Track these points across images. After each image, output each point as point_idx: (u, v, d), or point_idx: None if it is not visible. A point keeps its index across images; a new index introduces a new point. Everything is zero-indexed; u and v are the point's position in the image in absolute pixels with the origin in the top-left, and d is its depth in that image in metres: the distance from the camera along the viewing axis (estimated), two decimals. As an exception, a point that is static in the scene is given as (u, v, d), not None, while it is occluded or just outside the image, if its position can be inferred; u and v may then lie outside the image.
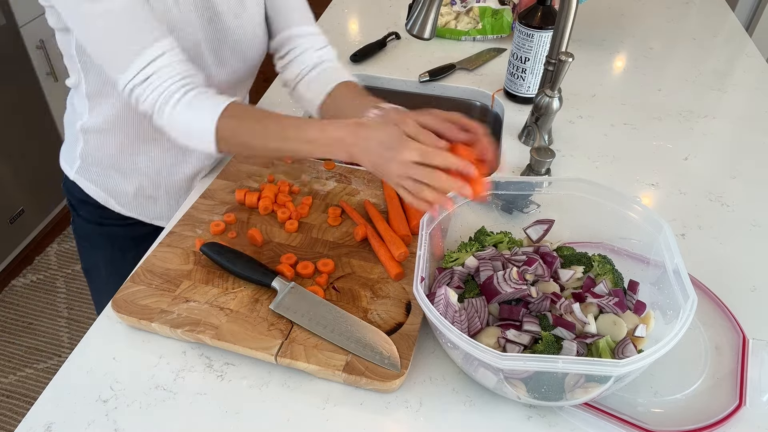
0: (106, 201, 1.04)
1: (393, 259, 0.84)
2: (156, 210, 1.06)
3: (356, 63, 1.42)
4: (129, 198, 1.04)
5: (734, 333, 0.78)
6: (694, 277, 0.83)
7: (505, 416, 0.70)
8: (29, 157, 2.19)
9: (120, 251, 1.06)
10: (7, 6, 1.98)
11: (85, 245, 1.12)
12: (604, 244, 0.85)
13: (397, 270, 0.82)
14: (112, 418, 0.68)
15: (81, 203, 1.06)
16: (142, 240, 0.98)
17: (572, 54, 0.97)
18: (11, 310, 2.08)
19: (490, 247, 0.82)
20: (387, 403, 0.70)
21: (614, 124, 1.22)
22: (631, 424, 0.67)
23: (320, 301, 0.78)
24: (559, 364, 0.60)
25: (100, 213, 1.05)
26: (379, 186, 1.00)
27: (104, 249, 1.09)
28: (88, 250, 1.13)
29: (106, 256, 1.08)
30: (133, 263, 0.87)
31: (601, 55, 1.48)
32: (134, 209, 1.06)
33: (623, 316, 0.71)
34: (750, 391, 0.71)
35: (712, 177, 1.08)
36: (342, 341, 0.73)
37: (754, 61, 1.47)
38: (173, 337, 0.76)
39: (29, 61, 2.11)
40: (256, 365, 0.74)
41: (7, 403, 1.81)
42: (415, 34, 1.08)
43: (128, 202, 1.04)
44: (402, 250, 0.84)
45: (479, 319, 0.71)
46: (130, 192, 1.03)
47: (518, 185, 0.85)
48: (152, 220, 1.07)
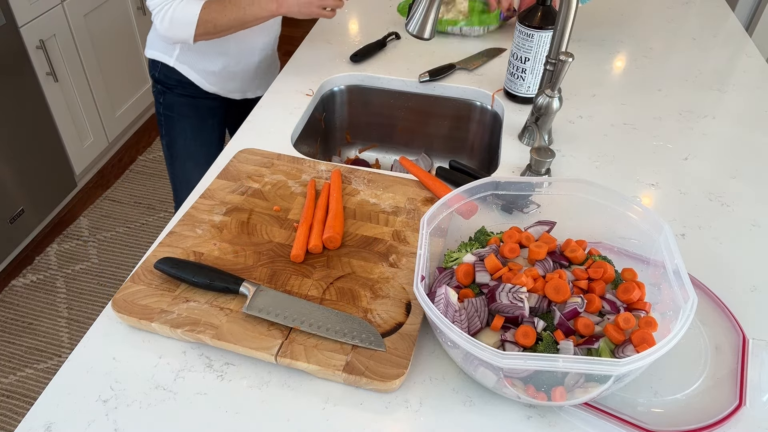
0: (200, 82, 1.41)
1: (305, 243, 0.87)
2: (232, 85, 1.46)
3: (356, 63, 1.42)
4: (215, 77, 1.42)
5: (734, 333, 0.78)
6: (694, 277, 0.83)
7: (505, 416, 0.70)
8: (29, 157, 2.19)
9: (202, 119, 1.47)
10: (7, 6, 1.98)
11: (174, 116, 1.48)
12: (603, 244, 0.85)
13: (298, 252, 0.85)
14: (112, 418, 0.68)
15: (178, 83, 1.42)
16: (218, 109, 1.48)
17: (572, 54, 0.97)
18: (11, 310, 2.08)
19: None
20: (387, 403, 0.70)
21: (614, 124, 1.22)
22: (631, 424, 0.67)
23: (289, 297, 0.79)
24: (559, 363, 0.60)
25: (192, 90, 1.43)
26: (380, 186, 1.00)
27: (191, 117, 1.47)
28: (176, 121, 1.48)
29: (192, 123, 1.47)
30: (211, 129, 1.49)
31: (601, 55, 1.48)
32: (217, 85, 1.44)
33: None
34: (750, 391, 0.71)
35: (712, 177, 1.08)
36: (322, 332, 0.74)
37: (754, 61, 1.47)
38: (173, 337, 0.76)
39: (29, 61, 2.11)
40: (256, 365, 0.74)
41: (7, 403, 1.81)
42: (415, 34, 1.08)
43: (214, 81, 1.43)
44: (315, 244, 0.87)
45: (479, 318, 0.71)
46: (216, 71, 1.41)
47: (518, 185, 0.85)
48: (228, 93, 1.47)
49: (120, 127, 2.74)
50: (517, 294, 0.71)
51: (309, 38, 1.54)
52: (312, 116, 1.31)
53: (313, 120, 1.33)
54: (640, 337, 0.66)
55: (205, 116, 1.25)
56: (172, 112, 1.48)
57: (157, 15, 1.21)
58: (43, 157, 2.26)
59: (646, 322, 0.68)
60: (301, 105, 1.27)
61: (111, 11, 2.53)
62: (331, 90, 1.40)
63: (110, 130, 2.66)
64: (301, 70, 1.39)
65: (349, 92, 1.41)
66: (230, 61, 1.41)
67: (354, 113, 1.45)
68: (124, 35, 2.65)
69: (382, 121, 1.45)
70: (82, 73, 2.39)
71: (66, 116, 2.35)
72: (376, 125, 1.47)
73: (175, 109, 1.47)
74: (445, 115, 1.40)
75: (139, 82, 2.83)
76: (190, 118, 1.47)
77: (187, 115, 1.47)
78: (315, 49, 1.49)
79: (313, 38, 1.54)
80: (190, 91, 1.44)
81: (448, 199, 0.81)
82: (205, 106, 1.45)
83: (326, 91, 1.39)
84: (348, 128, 1.48)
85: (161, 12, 1.20)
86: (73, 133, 2.41)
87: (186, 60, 1.39)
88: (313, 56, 1.45)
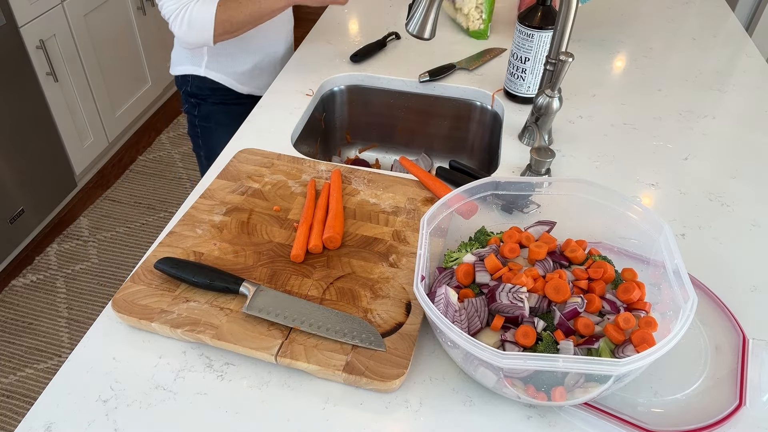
0: (233, 85, 1.42)
1: (305, 243, 0.87)
2: (264, 81, 1.45)
3: (356, 63, 1.42)
4: (246, 77, 1.43)
5: (734, 333, 0.78)
6: (694, 277, 0.83)
7: (505, 416, 0.70)
8: (29, 157, 2.19)
9: (238, 125, 1.28)
10: (7, 6, 1.98)
11: (212, 126, 1.47)
12: (603, 244, 0.85)
13: (298, 252, 0.85)
14: (112, 418, 0.68)
15: (211, 92, 1.43)
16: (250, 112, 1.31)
17: (572, 54, 0.97)
18: (11, 310, 2.08)
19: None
20: (387, 403, 0.70)
21: (614, 124, 1.22)
22: (631, 424, 0.67)
23: (289, 297, 0.78)
24: (559, 363, 0.60)
25: (225, 96, 1.44)
26: (380, 186, 1.00)
27: (227, 125, 1.36)
28: (214, 130, 1.47)
29: (229, 130, 1.29)
30: None
31: (601, 55, 1.48)
32: (250, 84, 1.45)
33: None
34: (750, 391, 0.71)
35: (712, 177, 1.08)
36: (322, 332, 0.74)
37: (754, 61, 1.47)
38: (173, 337, 0.76)
39: (29, 61, 2.11)
40: (256, 365, 0.74)
41: (7, 403, 1.81)
42: (415, 34, 1.08)
43: (246, 80, 1.43)
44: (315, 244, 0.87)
45: (479, 318, 0.71)
46: (247, 71, 1.42)
47: (518, 185, 0.85)
48: (261, 90, 1.44)
49: (120, 127, 2.74)
50: (517, 294, 0.71)
51: (309, 38, 1.54)
52: (312, 116, 1.31)
53: (313, 120, 1.33)
54: (640, 337, 0.66)
55: (240, 121, 1.21)
56: (209, 122, 1.48)
57: (174, 21, 1.21)
58: (43, 157, 2.26)
59: (646, 322, 0.68)
60: (301, 105, 1.27)
61: (111, 11, 2.53)
62: (331, 90, 1.40)
63: (110, 130, 2.66)
64: (301, 70, 1.39)
65: (349, 92, 1.41)
66: (258, 58, 1.42)
67: (354, 113, 1.45)
68: (124, 35, 2.65)
69: (382, 121, 1.45)
70: (82, 73, 2.39)
71: (66, 116, 2.35)
72: (376, 125, 1.47)
73: (212, 118, 1.47)
74: (445, 115, 1.40)
75: (139, 82, 2.83)
76: (226, 125, 1.42)
77: (224, 123, 1.45)
78: (315, 49, 1.49)
79: (313, 38, 1.54)
80: (223, 97, 1.44)
81: (448, 199, 0.81)
82: (237, 113, 1.39)
83: (326, 91, 1.39)
84: (348, 128, 1.48)
85: (177, 18, 1.21)
86: (73, 133, 2.41)
87: (215, 66, 1.40)
88: (313, 56, 1.45)
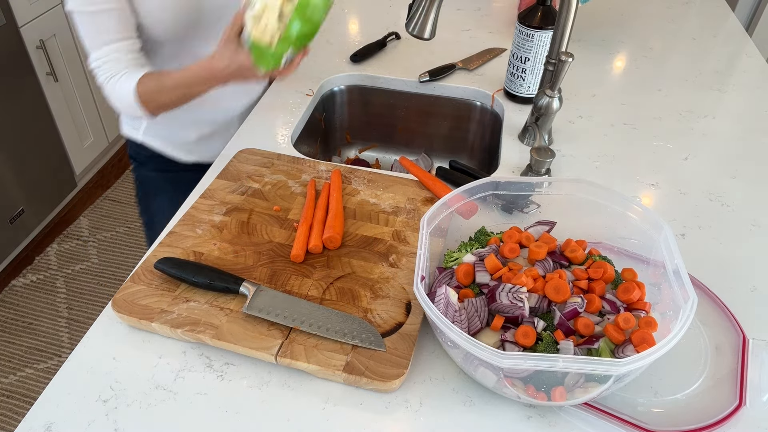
0: (176, 153, 1.25)
1: (305, 243, 0.87)
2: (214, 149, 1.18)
3: (356, 63, 1.42)
4: (192, 146, 1.25)
5: (734, 333, 0.78)
6: (694, 277, 0.83)
7: (505, 416, 0.70)
8: (29, 157, 2.19)
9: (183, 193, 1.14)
10: (7, 6, 1.98)
11: (150, 192, 1.31)
12: (604, 244, 0.85)
13: (298, 252, 0.85)
14: (112, 418, 0.68)
15: (150, 158, 1.26)
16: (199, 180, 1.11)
17: (572, 54, 0.97)
18: (11, 310, 2.08)
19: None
20: (387, 403, 0.70)
21: (614, 124, 1.22)
22: (631, 424, 0.67)
23: (289, 297, 0.79)
24: (559, 363, 0.60)
25: (167, 164, 1.26)
26: (380, 186, 1.00)
27: (169, 192, 1.25)
28: (152, 198, 1.31)
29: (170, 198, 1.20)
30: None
31: (601, 55, 1.48)
32: (197, 153, 1.26)
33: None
34: (750, 391, 0.71)
35: (712, 177, 1.08)
36: (322, 332, 0.74)
37: (754, 61, 1.47)
38: (173, 337, 0.76)
39: (29, 61, 2.11)
40: (256, 365, 0.74)
41: (7, 403, 1.81)
42: (415, 34, 1.08)
43: (192, 149, 1.26)
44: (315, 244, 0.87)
45: (479, 318, 0.71)
46: (192, 140, 1.24)
47: (518, 185, 0.85)
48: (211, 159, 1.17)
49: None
50: (517, 294, 0.71)
51: (309, 38, 1.54)
52: (312, 116, 1.31)
53: (313, 120, 1.33)
54: (640, 337, 0.66)
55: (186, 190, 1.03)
56: (148, 188, 1.32)
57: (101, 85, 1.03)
58: (43, 157, 2.26)
59: (646, 322, 0.68)
60: (301, 105, 1.27)
61: (111, 11, 2.52)
62: (331, 90, 1.40)
63: (110, 130, 2.66)
64: (301, 70, 1.39)
65: (349, 92, 1.41)
66: (206, 129, 1.24)
67: (354, 113, 1.45)
68: (124, 35, 2.65)
69: (382, 121, 1.45)
70: (82, 73, 2.39)
71: (66, 116, 2.35)
72: (376, 125, 1.47)
73: (150, 185, 1.31)
74: (445, 115, 1.40)
75: (139, 82, 2.83)
76: (168, 192, 1.27)
77: (165, 189, 1.29)
78: (315, 48, 1.49)
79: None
80: (165, 165, 1.27)
81: (448, 199, 0.81)
82: (185, 180, 1.16)
83: (326, 91, 1.39)
84: (348, 128, 1.48)
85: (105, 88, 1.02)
86: (73, 133, 2.41)
87: (155, 132, 1.23)
88: (313, 56, 1.45)
